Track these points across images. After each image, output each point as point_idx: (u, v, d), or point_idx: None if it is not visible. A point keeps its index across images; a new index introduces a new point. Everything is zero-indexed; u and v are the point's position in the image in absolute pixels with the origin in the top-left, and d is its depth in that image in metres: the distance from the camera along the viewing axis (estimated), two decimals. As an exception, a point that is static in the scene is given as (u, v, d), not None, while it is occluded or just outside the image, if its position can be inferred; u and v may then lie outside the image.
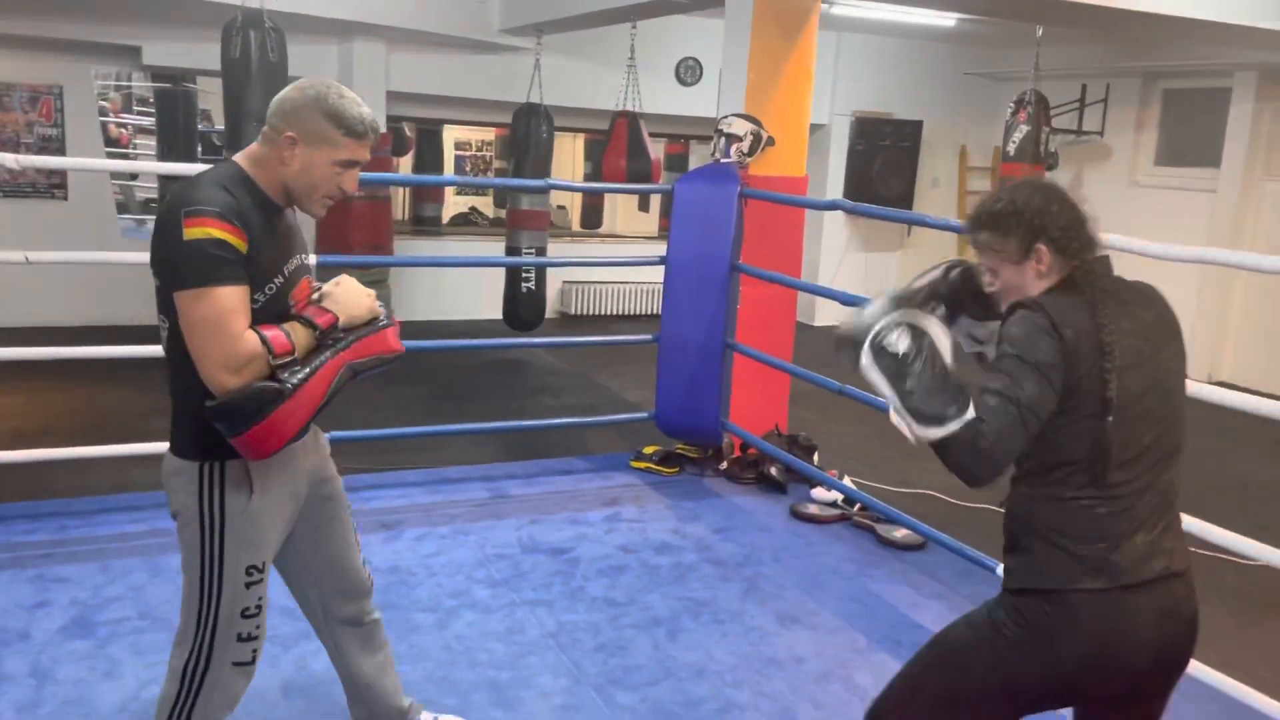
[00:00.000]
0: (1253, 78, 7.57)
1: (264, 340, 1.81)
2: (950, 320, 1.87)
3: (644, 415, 4.85)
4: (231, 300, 1.80)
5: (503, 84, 7.76)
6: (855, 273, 9.32)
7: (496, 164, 14.42)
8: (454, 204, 11.08)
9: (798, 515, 4.27)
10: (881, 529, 4.08)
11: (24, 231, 7.04)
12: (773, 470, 4.58)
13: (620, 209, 14.03)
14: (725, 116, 4.68)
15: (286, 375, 1.82)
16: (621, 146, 6.61)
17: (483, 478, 4.53)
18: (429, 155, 10.11)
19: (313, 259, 2.11)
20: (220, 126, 13.60)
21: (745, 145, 4.60)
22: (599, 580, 3.58)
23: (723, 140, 4.67)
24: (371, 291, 2.03)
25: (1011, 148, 7.65)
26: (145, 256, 1.93)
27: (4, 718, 2.57)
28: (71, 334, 6.67)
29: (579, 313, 9.03)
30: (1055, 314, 1.63)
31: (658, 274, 4.67)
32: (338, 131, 1.89)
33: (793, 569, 3.76)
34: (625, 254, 7.98)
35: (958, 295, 1.87)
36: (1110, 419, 1.61)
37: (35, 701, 2.64)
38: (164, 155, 9.79)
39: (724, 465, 4.73)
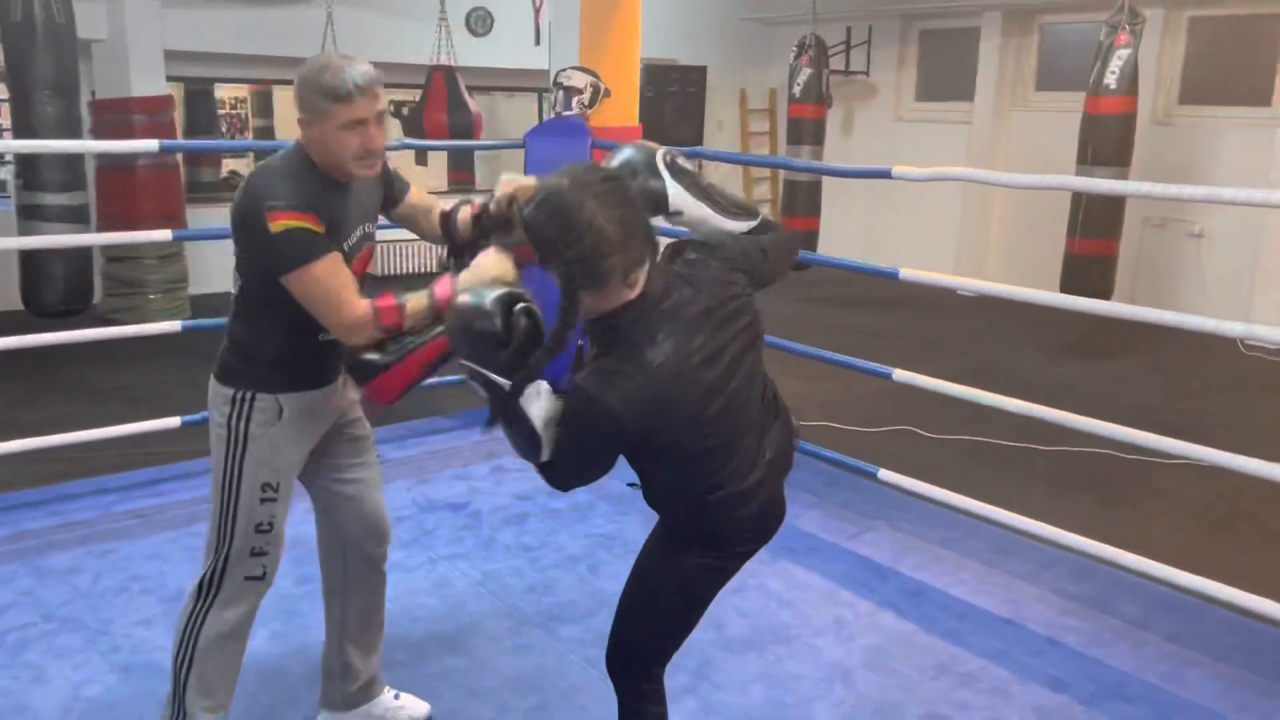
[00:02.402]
0: (998, 17, 8.40)
1: (375, 311, 2.02)
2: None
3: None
4: (328, 272, 2.00)
5: (288, 39, 7.43)
6: (653, 216, 9.64)
7: (254, 122, 13.68)
8: (225, 167, 10.50)
9: (668, 448, 4.52)
10: (747, 452, 4.39)
11: None
12: (635, 409, 4.80)
13: (396, 164, 13.69)
14: (564, 69, 4.77)
15: (392, 349, 2.03)
16: (441, 101, 6.54)
17: (353, 444, 4.49)
18: (201, 116, 9.52)
19: (375, 228, 2.28)
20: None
21: (585, 97, 4.72)
22: (506, 529, 3.69)
23: (561, 93, 4.77)
24: (509, 271, 2.02)
25: (797, 90, 8.14)
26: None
27: (-62, 741, 2.43)
28: None
29: (383, 273, 8.86)
30: (619, 391, 1.69)
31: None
32: (324, 100, 2.00)
33: (681, 497, 4.02)
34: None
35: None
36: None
37: (-33, 720, 2.50)
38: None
39: (587, 409, 4.90)
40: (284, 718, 2.58)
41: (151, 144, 3.68)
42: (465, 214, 2.27)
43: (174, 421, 3.88)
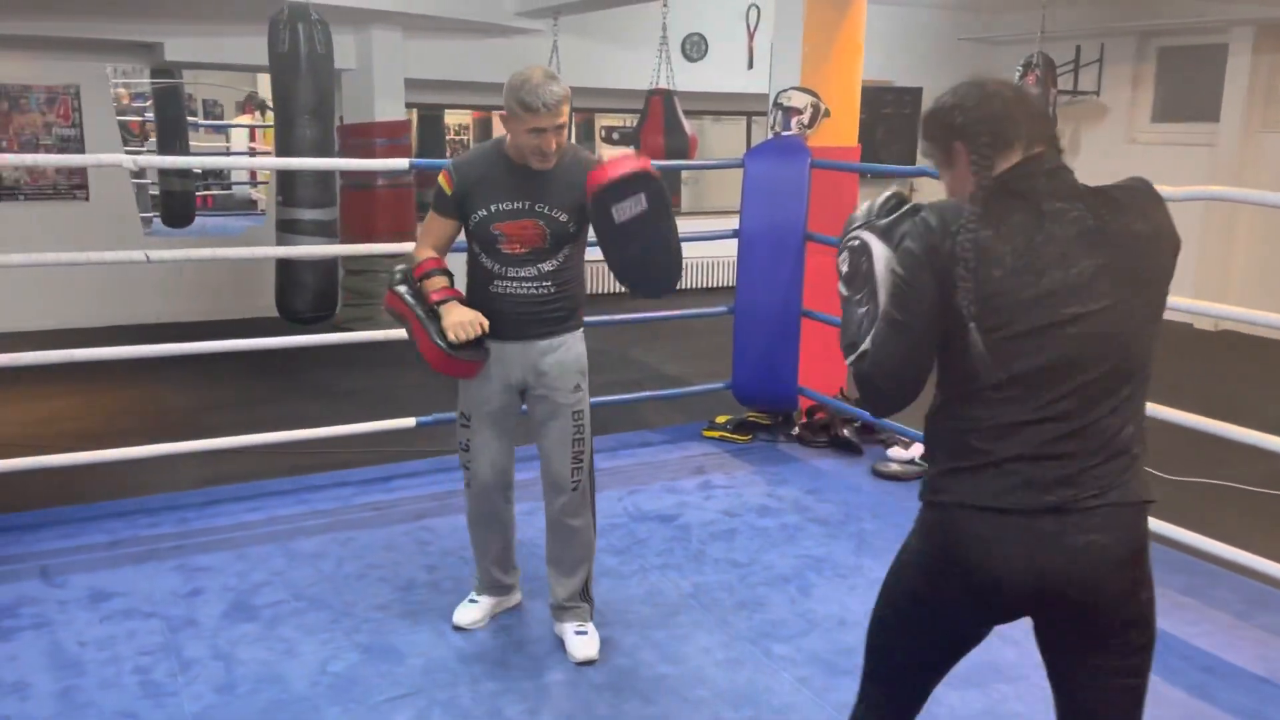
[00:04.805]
0: (1249, 32, 7.81)
1: (421, 260, 2.78)
2: None
3: (720, 385, 4.98)
4: (431, 218, 2.83)
5: (516, 68, 7.75)
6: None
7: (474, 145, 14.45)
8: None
9: (880, 474, 4.43)
10: (963, 482, 4.24)
11: (48, 233, 7.02)
12: (846, 432, 4.73)
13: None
14: (784, 90, 4.79)
15: (404, 287, 2.76)
16: (658, 124, 6.70)
17: (567, 453, 4.64)
18: (431, 140, 10.13)
19: (557, 212, 2.74)
20: (202, 119, 13.51)
21: (805, 118, 4.72)
22: (715, 544, 3.71)
23: (780, 114, 4.79)
24: (476, 327, 2.69)
25: (1021, 110, 7.83)
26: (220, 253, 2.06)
27: (206, 699, 2.66)
28: (100, 335, 6.66)
29: (595, 291, 9.12)
30: (932, 218, 1.56)
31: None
32: (518, 108, 2.60)
33: (894, 524, 3.92)
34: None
35: None
36: (973, 330, 1.51)
37: (230, 682, 2.74)
38: (164, 147, 9.75)
39: (795, 430, 4.87)
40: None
41: (401, 163, 3.94)
42: None
43: (409, 422, 4.14)
